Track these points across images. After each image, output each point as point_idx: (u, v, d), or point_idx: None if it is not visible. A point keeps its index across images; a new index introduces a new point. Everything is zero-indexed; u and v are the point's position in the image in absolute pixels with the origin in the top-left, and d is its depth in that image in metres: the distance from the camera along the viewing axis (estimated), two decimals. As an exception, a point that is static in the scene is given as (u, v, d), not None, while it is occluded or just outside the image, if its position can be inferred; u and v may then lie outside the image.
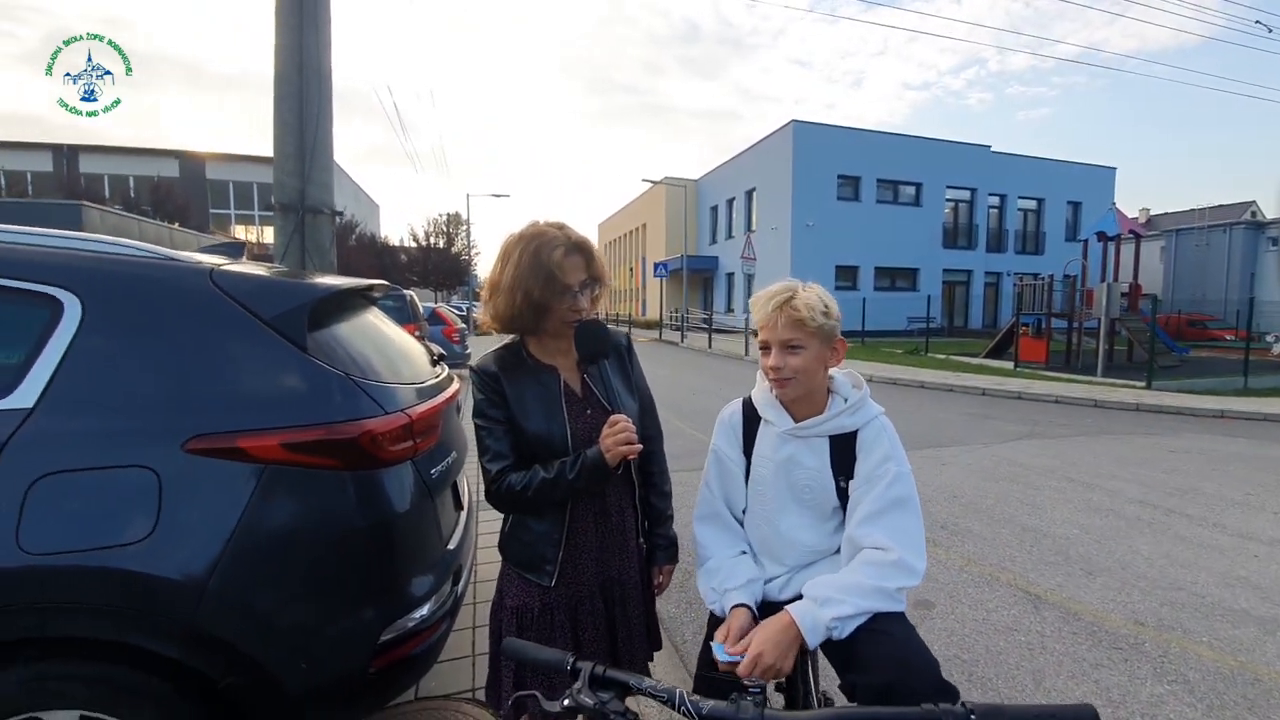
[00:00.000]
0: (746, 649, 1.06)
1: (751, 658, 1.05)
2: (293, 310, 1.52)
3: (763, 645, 1.06)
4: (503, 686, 1.29)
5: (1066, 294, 14.81)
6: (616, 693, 0.74)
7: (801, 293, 1.23)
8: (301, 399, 1.46)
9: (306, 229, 5.48)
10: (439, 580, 1.71)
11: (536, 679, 1.23)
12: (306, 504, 1.43)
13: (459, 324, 13.02)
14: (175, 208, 23.56)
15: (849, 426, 1.27)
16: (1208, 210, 35.06)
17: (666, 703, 0.72)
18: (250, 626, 1.37)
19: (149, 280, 1.49)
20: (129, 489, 1.31)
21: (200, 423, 1.37)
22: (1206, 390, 10.73)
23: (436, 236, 35.61)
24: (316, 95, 5.23)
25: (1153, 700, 2.32)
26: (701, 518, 1.39)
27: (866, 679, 1.03)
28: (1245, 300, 14.57)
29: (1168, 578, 3.40)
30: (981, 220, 27.53)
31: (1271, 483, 5.34)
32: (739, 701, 0.70)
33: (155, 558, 1.29)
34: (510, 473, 1.26)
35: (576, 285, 1.28)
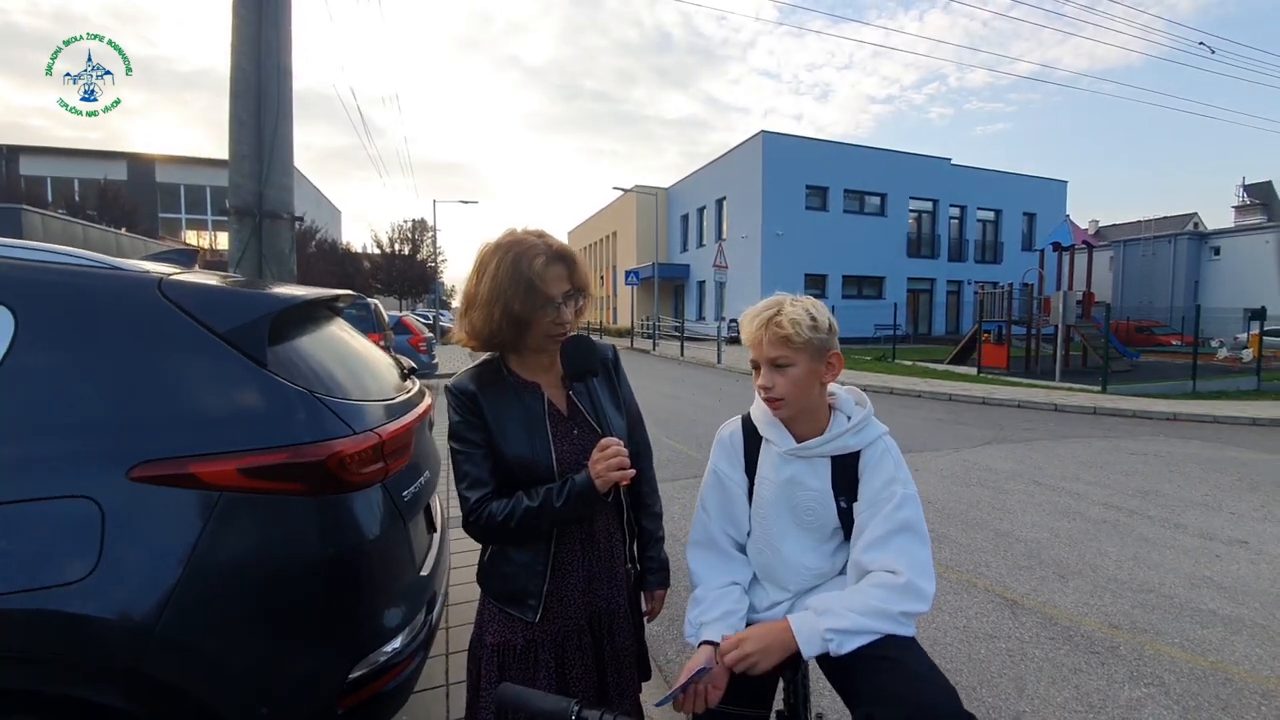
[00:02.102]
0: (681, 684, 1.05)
1: (734, 641, 1.07)
2: (251, 323, 1.40)
3: (750, 635, 1.08)
4: None
5: (1025, 302, 15.34)
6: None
7: (787, 308, 1.19)
8: (261, 420, 1.35)
9: (264, 235, 5.25)
10: (412, 609, 1.61)
11: (521, 719, 1.14)
12: (267, 534, 1.32)
13: (426, 333, 12.74)
14: (123, 212, 22.49)
15: (853, 446, 1.22)
16: (1153, 222, 36.86)
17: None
18: (204, 671, 1.24)
19: (91, 291, 1.36)
20: (67, 522, 1.18)
21: (148, 448, 1.25)
22: (1159, 394, 11.18)
23: (401, 243, 34.89)
24: (276, 94, 5.03)
25: (1131, 704, 2.34)
26: (695, 543, 1.33)
27: (886, 711, 0.97)
28: (1190, 307, 15.31)
29: (1136, 579, 3.47)
30: (943, 230, 28.37)
31: (1227, 483, 5.55)
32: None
33: (97, 598, 1.16)
34: (490, 501, 1.16)
35: (559, 297, 1.20)
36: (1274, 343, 17.23)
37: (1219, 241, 31.26)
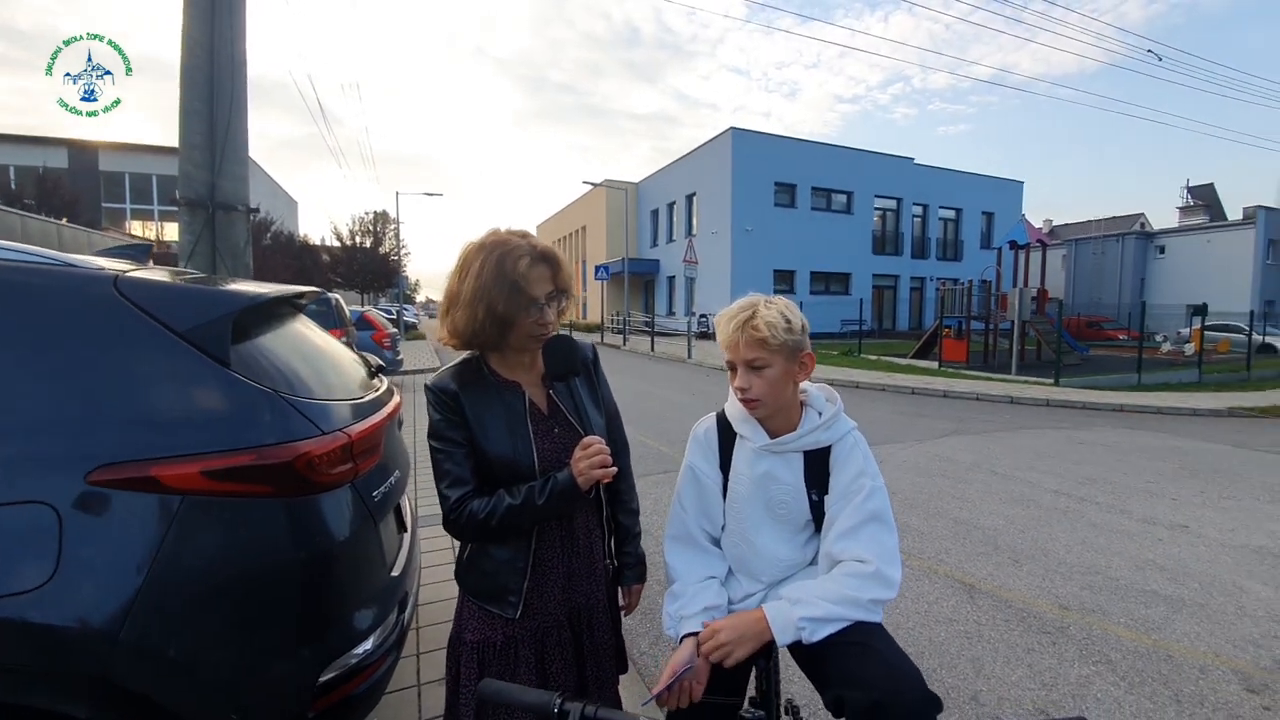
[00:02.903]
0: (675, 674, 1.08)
1: (710, 631, 1.11)
2: (213, 322, 1.37)
3: (725, 625, 1.12)
4: None
5: (983, 298, 15.86)
6: (603, 737, 0.69)
7: (762, 310, 1.21)
8: (225, 420, 1.32)
9: (218, 227, 5.07)
10: (383, 610, 1.60)
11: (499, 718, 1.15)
12: (233, 537, 1.29)
13: (390, 328, 12.49)
14: (63, 201, 21.27)
15: (824, 442, 1.27)
16: (1103, 221, 38.45)
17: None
18: (170, 677, 1.22)
19: (44, 290, 1.31)
20: (23, 528, 1.14)
21: (108, 450, 1.21)
22: (1107, 386, 11.71)
23: (363, 236, 33.91)
24: (229, 83, 4.87)
25: (1080, 681, 2.47)
26: (672, 538, 1.36)
27: (856, 694, 1.02)
28: (1137, 304, 16.02)
29: (1085, 563, 3.64)
30: (907, 228, 29.05)
31: (1169, 471, 5.86)
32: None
33: (57, 606, 1.13)
34: (471, 499, 1.16)
35: (542, 297, 1.21)
36: (1214, 337, 18.19)
37: (1164, 241, 32.80)
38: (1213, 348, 16.90)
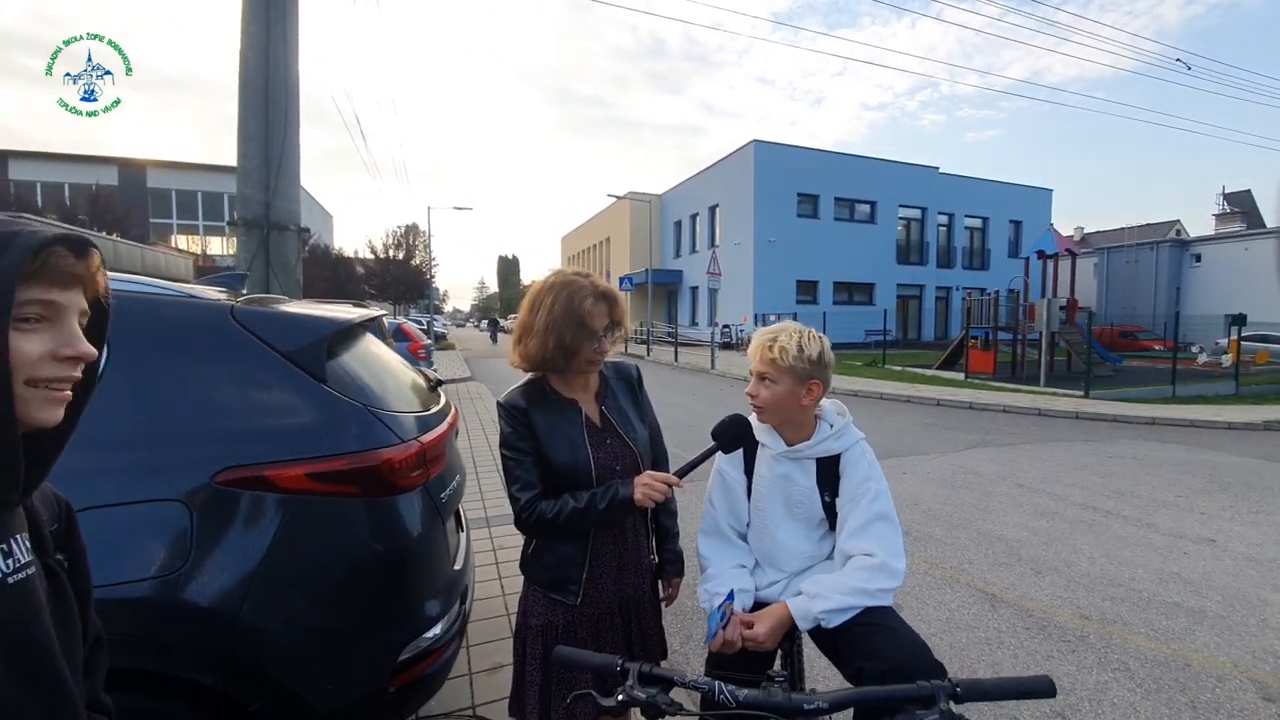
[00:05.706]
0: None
1: (745, 621, 1.30)
2: (312, 344, 1.60)
3: (759, 620, 1.31)
4: (526, 700, 1.39)
5: (1011, 308, 15.68)
6: (662, 687, 0.87)
7: (783, 336, 1.43)
8: (324, 430, 1.54)
9: (272, 246, 5.41)
10: (449, 600, 1.80)
11: (562, 689, 1.33)
12: (330, 531, 1.51)
13: (424, 340, 12.90)
14: (114, 218, 22.39)
15: (834, 450, 1.47)
16: (1136, 229, 37.56)
17: (707, 693, 0.84)
18: (281, 651, 1.43)
19: (174, 319, 1.55)
20: (162, 521, 1.36)
21: (229, 455, 1.43)
22: (1139, 398, 11.49)
23: (395, 248, 34.93)
24: (283, 108, 5.18)
25: (1098, 686, 2.56)
26: (705, 532, 1.57)
27: (873, 665, 1.21)
28: (1172, 313, 15.67)
29: (1108, 575, 3.70)
30: (932, 238, 28.82)
31: (1198, 485, 5.82)
32: (768, 688, 0.83)
33: (191, 588, 1.35)
34: (540, 501, 1.36)
35: (601, 330, 1.40)
36: (1253, 348, 17.69)
37: (1200, 249, 31.92)
38: (1251, 359, 16.40)
